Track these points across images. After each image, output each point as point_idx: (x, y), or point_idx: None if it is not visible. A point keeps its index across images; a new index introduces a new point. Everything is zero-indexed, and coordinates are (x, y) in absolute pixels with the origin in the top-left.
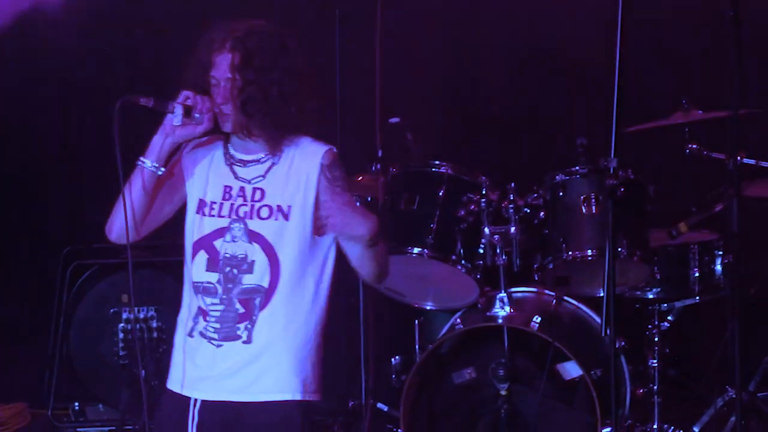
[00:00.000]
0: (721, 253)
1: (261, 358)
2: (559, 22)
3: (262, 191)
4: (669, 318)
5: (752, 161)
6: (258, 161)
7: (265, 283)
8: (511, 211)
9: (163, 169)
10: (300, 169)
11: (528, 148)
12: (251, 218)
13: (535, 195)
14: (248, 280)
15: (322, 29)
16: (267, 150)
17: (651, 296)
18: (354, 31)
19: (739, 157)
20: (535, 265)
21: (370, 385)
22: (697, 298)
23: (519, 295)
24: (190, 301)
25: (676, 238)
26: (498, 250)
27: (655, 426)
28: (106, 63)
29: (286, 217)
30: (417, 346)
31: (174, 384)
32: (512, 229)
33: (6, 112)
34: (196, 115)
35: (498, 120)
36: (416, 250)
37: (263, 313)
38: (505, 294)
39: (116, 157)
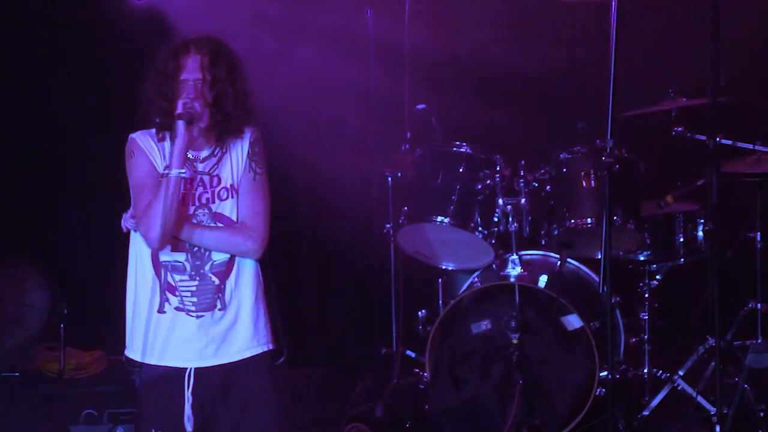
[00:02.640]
0: (702, 221)
1: (237, 321)
2: (563, 26)
3: (219, 177)
4: (657, 277)
5: (729, 142)
6: (212, 155)
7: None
8: (522, 184)
9: (185, 172)
10: (240, 149)
11: (536, 130)
12: (213, 202)
13: (542, 171)
14: (218, 256)
15: (357, 28)
16: (216, 143)
17: (642, 258)
18: (386, 30)
19: (718, 139)
20: (542, 232)
21: (399, 334)
22: (682, 260)
23: (528, 257)
24: (150, 280)
25: (664, 209)
26: (510, 219)
27: (645, 370)
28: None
29: (236, 193)
30: (440, 302)
31: (153, 357)
32: (522, 201)
33: (81, 106)
34: (197, 119)
35: (510, 107)
36: (440, 218)
37: (229, 281)
38: (516, 256)
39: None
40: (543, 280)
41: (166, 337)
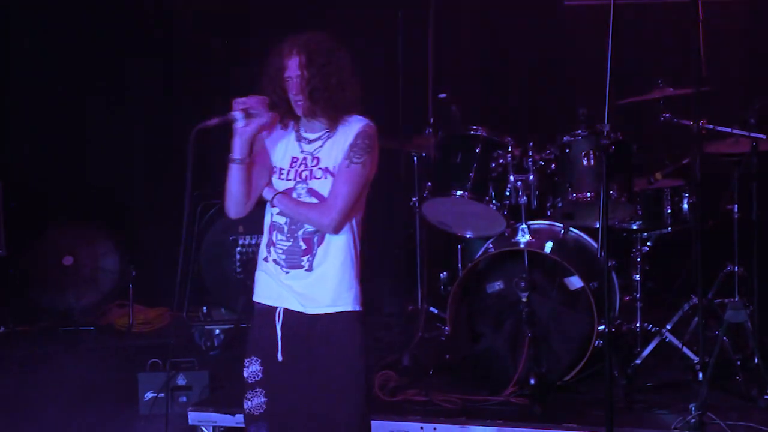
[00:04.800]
0: (687, 195)
1: (320, 282)
2: (567, 26)
3: (318, 158)
4: (648, 244)
5: (711, 126)
6: (320, 138)
7: None
8: (530, 163)
9: (247, 159)
10: (344, 139)
11: (543, 116)
12: (311, 179)
13: (548, 151)
14: (309, 226)
15: (388, 27)
16: (328, 128)
17: (635, 227)
18: (413, 28)
19: (701, 123)
20: (548, 204)
21: (424, 293)
22: (669, 228)
23: (536, 226)
24: (266, 235)
25: (654, 184)
26: (520, 193)
27: (637, 324)
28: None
29: (332, 175)
30: (459, 265)
31: (260, 297)
32: (531, 177)
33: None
34: (254, 112)
35: (520, 96)
36: (459, 192)
37: (321, 248)
38: (525, 225)
39: (186, 178)
40: (549, 246)
41: (267, 281)
